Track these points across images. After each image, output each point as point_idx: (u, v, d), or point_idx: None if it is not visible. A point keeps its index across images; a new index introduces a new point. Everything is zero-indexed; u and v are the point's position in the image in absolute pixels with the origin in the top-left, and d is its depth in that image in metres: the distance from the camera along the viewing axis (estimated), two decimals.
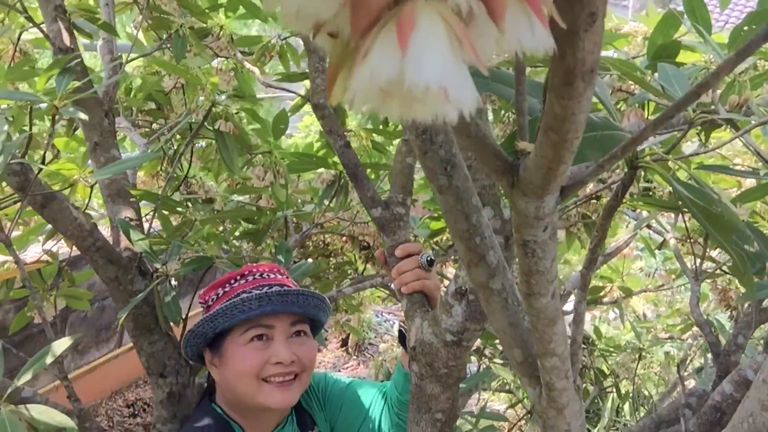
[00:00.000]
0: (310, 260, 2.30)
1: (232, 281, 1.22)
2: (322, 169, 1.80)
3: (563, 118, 0.35)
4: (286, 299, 1.14)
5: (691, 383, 2.52)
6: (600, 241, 0.57)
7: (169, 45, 1.80)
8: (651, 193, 1.39)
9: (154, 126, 2.23)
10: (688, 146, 1.45)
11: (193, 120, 1.52)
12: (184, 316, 1.43)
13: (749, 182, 1.57)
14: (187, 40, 1.80)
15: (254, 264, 1.29)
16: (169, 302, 1.35)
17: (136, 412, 3.91)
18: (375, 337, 5.91)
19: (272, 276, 1.21)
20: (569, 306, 2.45)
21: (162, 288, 1.43)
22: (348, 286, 1.92)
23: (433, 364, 1.04)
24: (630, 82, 1.06)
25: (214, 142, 2.18)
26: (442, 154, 0.59)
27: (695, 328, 2.60)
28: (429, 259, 1.08)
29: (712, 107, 0.83)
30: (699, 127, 1.05)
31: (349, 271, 2.69)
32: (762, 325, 1.19)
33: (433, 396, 1.05)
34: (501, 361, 2.09)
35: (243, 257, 1.73)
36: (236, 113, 1.54)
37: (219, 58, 2.05)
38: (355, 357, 5.61)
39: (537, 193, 0.40)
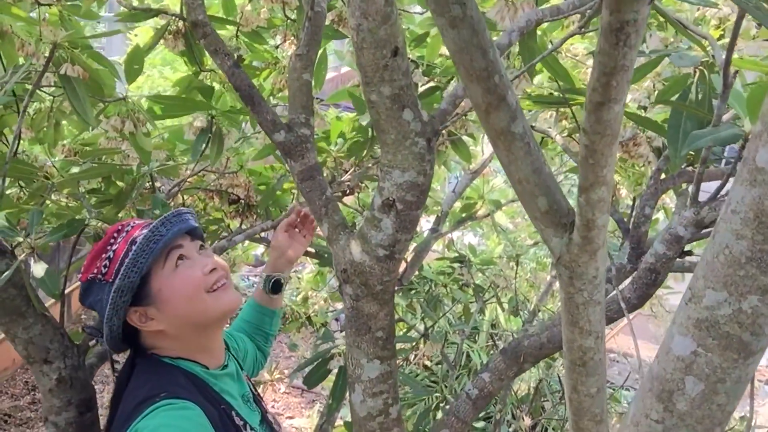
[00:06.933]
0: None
1: (112, 241, 1.11)
2: (192, 116, 1.64)
3: None
4: (181, 217, 1.13)
5: None
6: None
7: None
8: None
9: None
10: None
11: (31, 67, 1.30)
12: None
13: None
14: None
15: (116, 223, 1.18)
16: (43, 277, 1.17)
17: None
18: (245, 301, 5.73)
19: (138, 222, 1.17)
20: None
21: (27, 265, 1.24)
22: (239, 234, 1.81)
23: (368, 283, 1.00)
24: None
25: (44, 106, 1.92)
26: None
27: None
28: None
29: None
30: None
31: (219, 231, 2.54)
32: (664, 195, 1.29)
33: (372, 315, 1.01)
34: None
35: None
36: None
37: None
38: (229, 324, 5.41)
39: None
